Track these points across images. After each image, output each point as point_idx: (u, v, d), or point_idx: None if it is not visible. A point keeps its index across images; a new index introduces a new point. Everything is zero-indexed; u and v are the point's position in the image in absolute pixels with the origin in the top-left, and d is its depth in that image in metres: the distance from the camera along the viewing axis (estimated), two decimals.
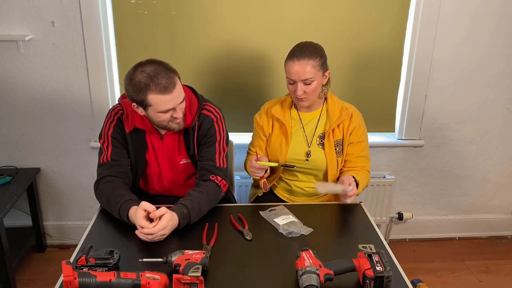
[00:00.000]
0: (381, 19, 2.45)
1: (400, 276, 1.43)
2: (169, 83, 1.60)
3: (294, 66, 1.80)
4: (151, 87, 1.59)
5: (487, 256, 2.82)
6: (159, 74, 1.59)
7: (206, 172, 1.81)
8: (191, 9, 2.37)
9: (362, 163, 1.97)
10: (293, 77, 1.82)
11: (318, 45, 1.88)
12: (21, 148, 2.60)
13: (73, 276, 1.22)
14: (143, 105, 1.65)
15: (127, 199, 1.65)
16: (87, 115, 2.54)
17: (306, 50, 1.81)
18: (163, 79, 1.59)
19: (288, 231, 1.64)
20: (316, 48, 1.85)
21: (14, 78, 2.44)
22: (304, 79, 1.80)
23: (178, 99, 1.65)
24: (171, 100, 1.63)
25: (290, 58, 1.83)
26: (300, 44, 1.86)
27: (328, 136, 1.93)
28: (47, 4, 2.30)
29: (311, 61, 1.80)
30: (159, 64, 1.63)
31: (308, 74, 1.80)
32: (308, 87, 1.82)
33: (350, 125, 1.93)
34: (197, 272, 1.28)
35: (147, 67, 1.61)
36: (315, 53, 1.82)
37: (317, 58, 1.81)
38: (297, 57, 1.80)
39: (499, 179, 2.87)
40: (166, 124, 1.71)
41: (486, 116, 2.70)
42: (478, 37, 2.50)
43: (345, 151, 1.95)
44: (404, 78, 2.59)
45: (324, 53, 1.87)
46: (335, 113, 1.93)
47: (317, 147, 1.95)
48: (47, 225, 2.80)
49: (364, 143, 1.96)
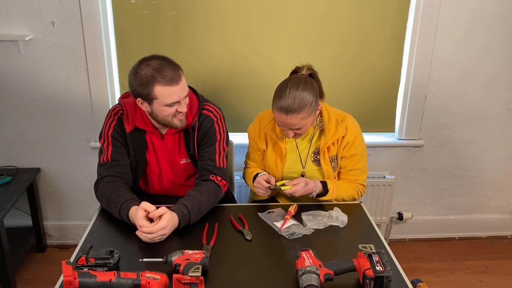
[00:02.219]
0: (381, 19, 2.45)
1: (400, 276, 1.43)
2: (175, 75, 1.64)
3: (282, 118, 1.70)
4: (158, 79, 1.61)
5: (487, 256, 2.82)
6: (165, 67, 1.63)
7: (206, 172, 1.81)
8: (191, 9, 2.37)
9: (355, 176, 1.92)
10: (281, 125, 1.76)
11: (308, 85, 1.69)
12: (21, 148, 2.60)
13: (73, 276, 1.22)
14: (149, 99, 1.66)
15: (128, 199, 1.65)
16: (87, 115, 2.54)
17: (295, 101, 1.66)
18: (169, 71, 1.63)
19: (289, 233, 1.63)
20: (305, 92, 1.67)
21: (14, 78, 2.44)
22: (294, 129, 1.75)
23: (183, 92, 1.68)
24: (176, 92, 1.65)
25: (277, 106, 1.69)
26: (287, 89, 1.68)
27: (323, 154, 1.87)
28: (47, 4, 2.30)
29: (301, 114, 1.68)
30: (163, 59, 1.67)
31: (298, 125, 1.72)
32: (299, 130, 1.76)
33: (344, 140, 1.85)
34: (197, 272, 1.28)
35: (152, 61, 1.64)
36: (304, 103, 1.67)
37: (307, 108, 1.68)
38: (285, 111, 1.67)
39: (499, 179, 2.87)
40: (170, 120, 1.72)
41: (486, 116, 2.70)
42: (478, 37, 2.50)
43: (339, 164, 1.91)
44: (404, 78, 2.59)
45: (315, 89, 1.72)
46: (330, 128, 1.84)
47: (312, 165, 1.91)
48: (47, 225, 2.80)
49: (358, 156, 1.88)
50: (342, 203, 1.87)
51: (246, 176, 2.01)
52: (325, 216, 1.73)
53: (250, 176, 1.94)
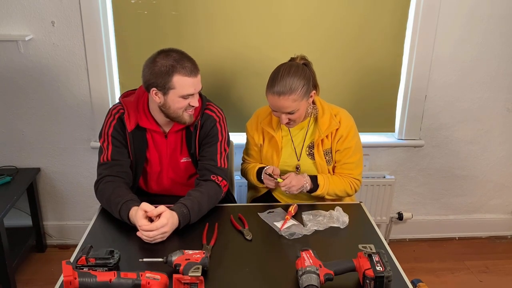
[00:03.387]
0: (380, 19, 2.45)
1: (400, 276, 1.43)
2: (194, 67, 1.70)
3: (274, 101, 1.76)
4: (178, 69, 1.65)
5: (487, 256, 2.82)
6: (185, 58, 1.68)
7: (207, 172, 1.81)
8: (191, 9, 2.37)
9: (349, 170, 1.94)
10: (275, 109, 1.80)
11: (299, 69, 1.77)
12: (21, 148, 2.60)
13: (73, 276, 1.22)
14: (165, 89, 1.67)
15: (128, 199, 1.65)
16: (87, 115, 2.54)
17: (287, 83, 1.73)
18: (189, 63, 1.68)
19: (289, 233, 1.63)
20: (296, 77, 1.75)
21: (14, 78, 2.44)
22: (287, 112, 1.78)
23: (199, 86, 1.73)
24: (193, 84, 1.70)
25: (270, 90, 1.77)
26: (279, 73, 1.76)
27: (317, 147, 1.91)
28: (47, 4, 2.30)
29: (293, 95, 1.74)
30: (182, 52, 1.71)
31: (290, 108, 1.76)
32: (292, 115, 1.80)
33: (337, 133, 1.89)
34: (197, 272, 1.28)
35: (171, 53, 1.69)
36: (296, 86, 1.74)
37: (299, 90, 1.74)
38: (277, 93, 1.74)
39: (499, 179, 2.87)
40: (180, 114, 1.74)
41: (486, 116, 2.70)
42: (478, 37, 2.50)
43: (333, 158, 1.93)
44: (404, 78, 2.59)
45: (308, 75, 1.79)
46: (324, 121, 1.88)
47: (307, 158, 1.94)
48: (47, 225, 2.80)
49: (351, 150, 1.90)
50: (342, 203, 1.87)
51: (247, 171, 2.03)
52: (326, 216, 1.73)
53: (252, 171, 1.97)
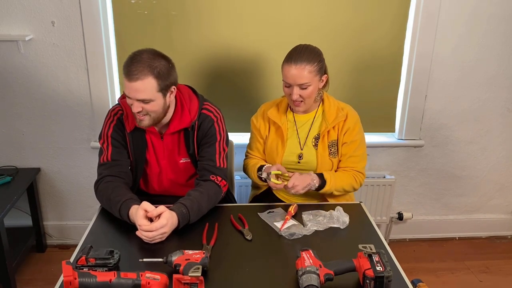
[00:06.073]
0: (381, 19, 2.45)
1: (400, 276, 1.43)
2: (136, 72, 1.59)
3: (290, 70, 1.79)
4: (124, 71, 1.62)
5: (487, 256, 2.82)
6: (135, 61, 1.61)
7: (206, 172, 1.81)
8: (192, 9, 2.37)
9: (353, 164, 1.96)
10: (289, 81, 1.82)
11: (317, 49, 1.86)
12: (21, 148, 2.60)
13: (73, 276, 1.22)
14: None
15: (128, 198, 1.65)
16: (87, 115, 2.54)
17: (304, 54, 1.79)
18: (133, 67, 1.60)
19: (289, 233, 1.63)
20: (314, 52, 1.83)
21: (14, 78, 2.44)
22: (300, 84, 1.80)
23: (137, 94, 1.62)
24: (129, 88, 1.62)
25: (287, 61, 1.82)
26: (298, 47, 1.84)
27: (322, 138, 1.93)
28: (47, 4, 2.30)
29: (308, 66, 1.78)
30: (138, 54, 1.63)
31: (304, 79, 1.79)
32: (304, 91, 1.82)
33: (345, 126, 1.92)
34: (197, 272, 1.28)
35: (137, 52, 1.64)
36: (312, 57, 1.80)
37: (315, 63, 1.80)
38: (294, 61, 1.79)
39: (499, 179, 2.87)
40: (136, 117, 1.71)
41: (486, 116, 2.70)
42: (478, 37, 2.50)
43: (339, 151, 1.95)
44: (404, 78, 2.59)
45: (322, 57, 1.86)
46: (331, 114, 1.92)
47: (312, 149, 1.95)
48: (47, 225, 2.80)
49: (357, 143, 1.94)
50: (342, 203, 1.87)
51: (248, 168, 2.03)
52: (326, 216, 1.73)
53: (253, 168, 1.97)
